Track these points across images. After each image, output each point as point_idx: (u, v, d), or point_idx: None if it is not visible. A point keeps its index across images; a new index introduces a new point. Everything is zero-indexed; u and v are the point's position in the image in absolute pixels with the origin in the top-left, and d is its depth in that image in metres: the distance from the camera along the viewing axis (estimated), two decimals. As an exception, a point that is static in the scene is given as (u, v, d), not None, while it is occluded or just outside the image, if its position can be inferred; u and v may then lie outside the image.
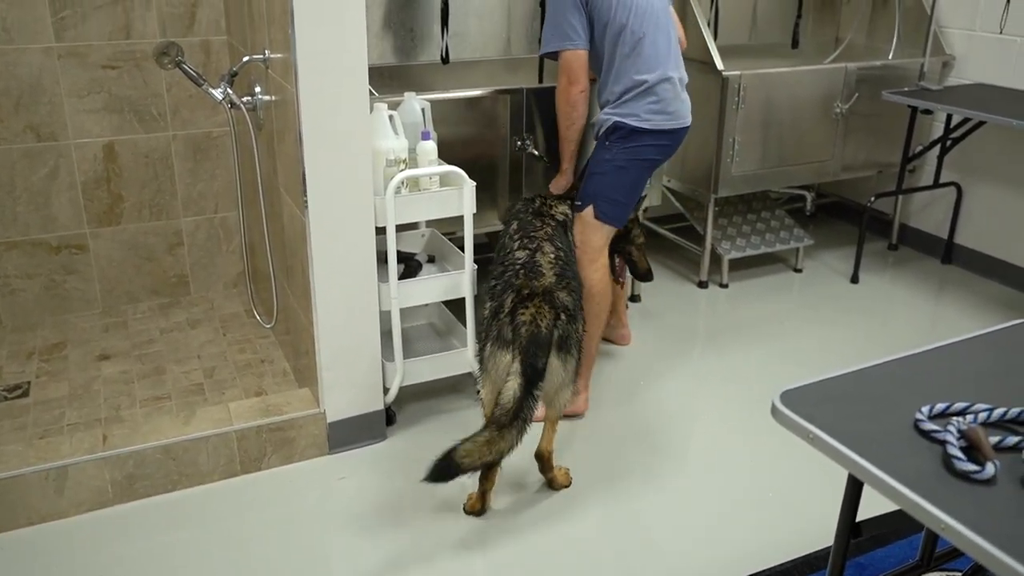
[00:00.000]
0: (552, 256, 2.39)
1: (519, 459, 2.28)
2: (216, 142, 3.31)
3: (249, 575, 2.10)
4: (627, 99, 2.59)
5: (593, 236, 2.68)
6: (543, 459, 2.39)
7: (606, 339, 3.16)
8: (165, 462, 2.34)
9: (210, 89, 2.66)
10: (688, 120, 2.70)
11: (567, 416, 2.65)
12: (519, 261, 2.37)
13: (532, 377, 2.13)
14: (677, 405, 2.86)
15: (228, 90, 2.67)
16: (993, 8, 3.63)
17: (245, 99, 2.70)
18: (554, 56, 2.65)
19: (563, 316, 2.24)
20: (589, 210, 2.66)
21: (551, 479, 2.42)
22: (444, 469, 2.05)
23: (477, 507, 2.31)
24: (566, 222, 2.66)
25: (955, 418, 1.30)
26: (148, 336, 3.16)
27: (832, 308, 3.57)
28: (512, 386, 2.12)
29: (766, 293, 3.72)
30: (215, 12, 3.17)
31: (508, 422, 2.09)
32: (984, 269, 3.88)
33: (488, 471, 2.25)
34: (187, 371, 2.92)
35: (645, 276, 3.12)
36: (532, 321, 2.19)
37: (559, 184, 2.83)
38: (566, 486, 2.43)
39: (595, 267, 2.68)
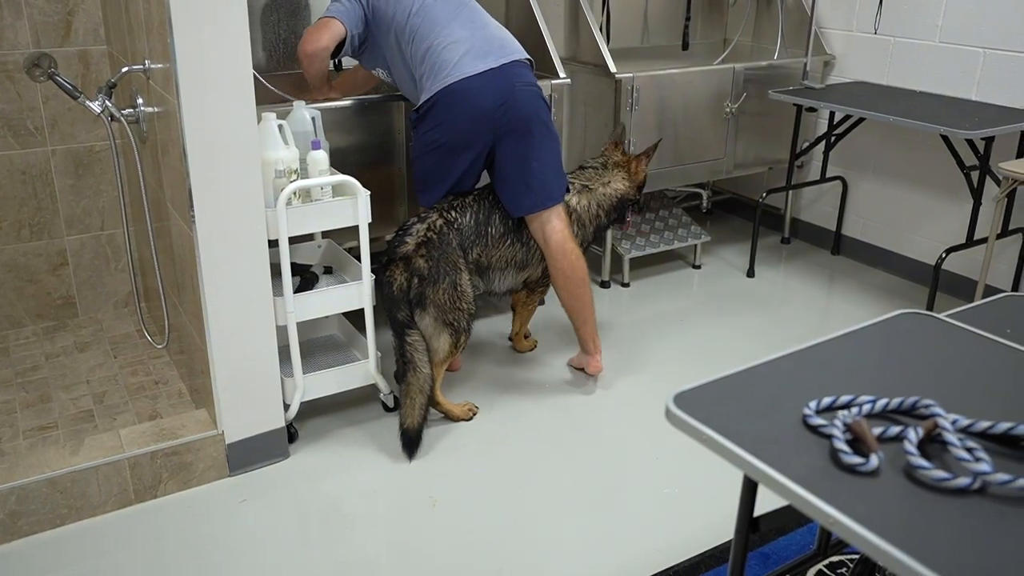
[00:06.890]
0: (424, 227, 2.62)
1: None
2: (99, 156, 3.17)
3: (146, 609, 2.01)
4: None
5: None
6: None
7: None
8: (51, 496, 2.22)
9: (87, 102, 2.54)
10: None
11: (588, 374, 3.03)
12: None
13: (395, 327, 2.58)
14: (580, 405, 2.88)
15: (107, 102, 2.55)
16: (868, 9, 3.78)
17: (127, 111, 2.59)
18: None
19: (416, 279, 2.56)
20: None
21: (444, 412, 2.73)
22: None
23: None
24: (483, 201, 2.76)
25: (841, 411, 1.34)
26: (32, 362, 3.00)
27: (730, 303, 3.66)
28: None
29: (667, 290, 3.78)
30: (93, 20, 3.04)
31: (401, 367, 2.60)
32: (870, 259, 4.05)
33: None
34: (75, 397, 2.79)
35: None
36: (387, 282, 2.58)
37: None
38: (465, 419, 2.75)
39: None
